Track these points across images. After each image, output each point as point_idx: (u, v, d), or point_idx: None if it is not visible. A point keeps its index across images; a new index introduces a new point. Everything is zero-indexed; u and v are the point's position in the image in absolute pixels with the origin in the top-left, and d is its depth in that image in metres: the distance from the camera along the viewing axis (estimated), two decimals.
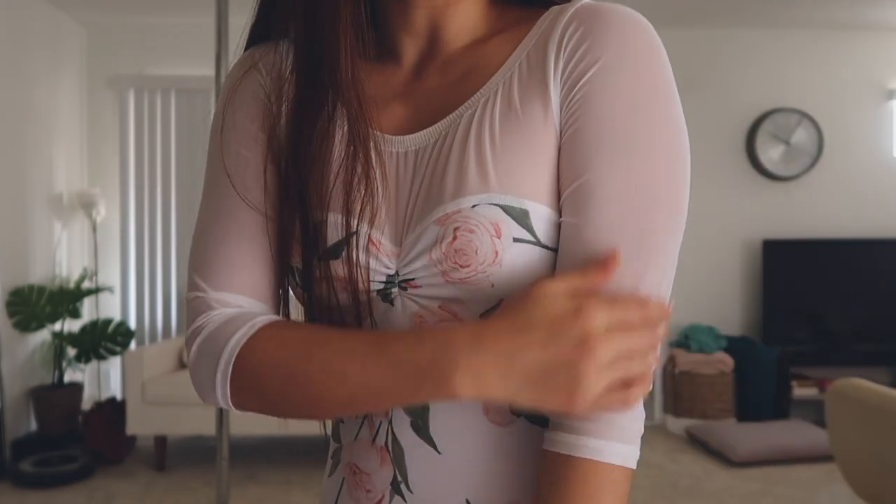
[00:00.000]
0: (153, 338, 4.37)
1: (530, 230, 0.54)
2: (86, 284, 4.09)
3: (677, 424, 4.15)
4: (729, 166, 4.51)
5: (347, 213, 0.57)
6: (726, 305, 4.52)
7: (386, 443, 0.60)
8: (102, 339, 3.85)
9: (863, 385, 2.10)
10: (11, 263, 3.69)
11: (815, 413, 4.36)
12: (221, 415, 2.04)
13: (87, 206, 4.12)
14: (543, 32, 0.57)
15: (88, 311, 4.24)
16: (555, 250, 0.55)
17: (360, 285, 0.57)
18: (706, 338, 4.16)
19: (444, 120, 0.57)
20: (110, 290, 4.12)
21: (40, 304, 3.68)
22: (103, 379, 4.33)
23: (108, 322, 3.92)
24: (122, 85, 4.36)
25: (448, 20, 0.60)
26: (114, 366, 4.34)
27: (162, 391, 3.43)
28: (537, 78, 0.55)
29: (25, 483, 3.24)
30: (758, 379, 4.12)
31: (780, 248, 4.33)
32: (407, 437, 0.59)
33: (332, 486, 0.68)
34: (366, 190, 0.57)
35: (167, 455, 3.61)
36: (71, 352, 3.90)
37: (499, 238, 0.53)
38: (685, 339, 4.21)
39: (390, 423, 0.59)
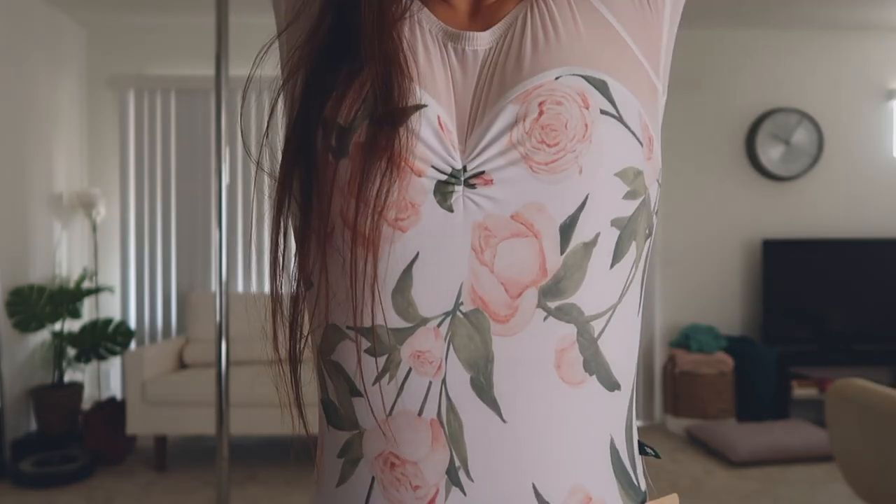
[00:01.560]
0: (153, 338, 4.37)
1: (612, 103, 0.51)
2: (86, 284, 4.09)
3: (677, 424, 4.15)
4: (729, 166, 4.51)
5: (404, 76, 0.49)
6: (726, 305, 4.52)
7: (438, 413, 0.48)
8: (102, 339, 3.86)
9: (863, 385, 2.10)
10: (11, 263, 3.69)
11: (815, 413, 4.36)
12: (221, 415, 2.04)
13: (87, 206, 4.12)
14: None
15: (88, 311, 4.24)
16: (634, 133, 0.52)
17: (418, 165, 0.48)
18: (706, 338, 4.16)
19: (504, 19, 0.54)
20: (110, 290, 4.12)
21: (40, 304, 3.68)
22: (103, 379, 4.33)
23: (108, 322, 3.92)
24: (122, 85, 4.36)
25: None
26: (114, 366, 4.34)
27: (162, 391, 3.43)
28: (592, 12, 0.54)
29: (25, 483, 3.24)
30: (758, 379, 4.12)
31: (780, 248, 4.33)
32: (466, 401, 0.48)
33: (350, 498, 0.51)
34: (415, 60, 0.51)
35: (167, 455, 3.61)
36: (71, 352, 3.90)
37: (587, 109, 0.49)
38: (685, 339, 4.21)
39: (443, 383, 0.48)
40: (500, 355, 0.48)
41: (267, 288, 0.60)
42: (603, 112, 0.49)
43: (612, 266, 0.50)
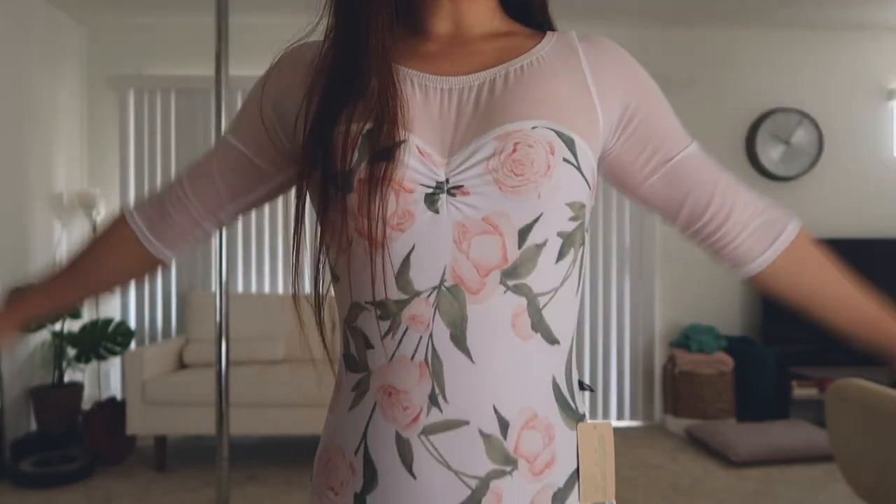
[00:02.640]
0: (153, 338, 4.37)
1: (574, 156, 0.68)
2: None
3: (677, 424, 4.15)
4: (729, 166, 4.40)
5: (392, 122, 0.65)
6: (726, 305, 4.52)
7: (426, 357, 0.66)
8: (102, 339, 3.86)
9: (863, 385, 2.10)
10: (11, 263, 3.69)
11: (815, 413, 4.35)
12: (221, 415, 2.04)
13: (87, 206, 4.12)
14: (560, 40, 0.75)
15: (88, 311, 4.24)
16: (586, 179, 0.70)
17: (408, 185, 0.65)
18: (706, 338, 4.16)
19: (493, 69, 0.70)
20: None
21: None
22: (103, 379, 4.33)
23: (108, 322, 3.92)
24: (122, 85, 4.36)
25: (468, 10, 0.73)
26: (114, 366, 4.34)
27: (162, 391, 3.43)
28: (571, 66, 0.72)
29: (25, 483, 3.24)
30: (758, 379, 4.12)
31: None
32: (446, 349, 0.66)
33: (358, 417, 0.70)
34: (400, 105, 0.67)
35: (167, 455, 3.61)
36: (71, 352, 3.90)
37: (552, 155, 0.66)
38: (685, 339, 4.21)
39: (430, 337, 0.66)
40: (472, 317, 0.66)
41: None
42: (565, 160, 0.67)
43: (556, 262, 0.69)
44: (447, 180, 0.66)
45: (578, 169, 0.68)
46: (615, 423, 4.46)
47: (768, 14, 4.25)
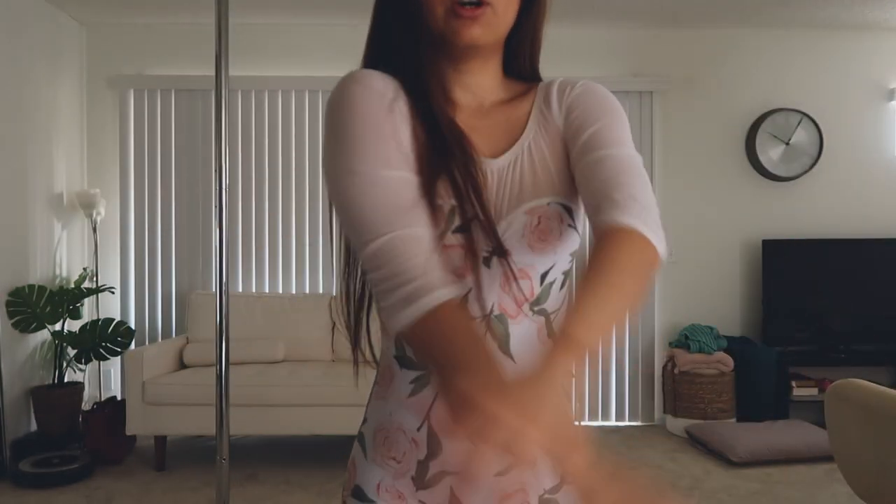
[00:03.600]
0: (153, 338, 4.37)
1: (573, 221, 0.89)
2: (86, 284, 4.09)
3: (677, 424, 4.15)
4: (729, 166, 4.51)
5: (471, 203, 0.82)
6: (726, 305, 4.52)
7: None
8: (102, 339, 3.86)
9: (863, 385, 2.10)
10: (11, 263, 3.69)
11: (815, 413, 4.36)
12: (221, 415, 2.04)
13: (87, 206, 4.12)
14: (546, 95, 0.92)
15: (88, 311, 4.24)
16: (579, 233, 0.91)
17: (475, 250, 0.84)
18: (706, 338, 4.16)
19: (510, 151, 0.89)
20: (111, 290, 4.13)
21: (40, 304, 3.68)
22: (103, 379, 4.33)
23: (108, 322, 3.92)
24: (122, 85, 4.36)
25: (481, 84, 0.92)
26: (114, 366, 4.34)
27: (162, 391, 3.43)
28: (554, 139, 0.90)
29: (25, 483, 3.24)
30: (758, 379, 4.12)
31: (780, 248, 4.33)
32: (496, 354, 0.84)
33: (419, 403, 0.86)
34: (478, 192, 0.84)
35: (167, 455, 3.61)
36: (71, 352, 3.90)
37: (562, 224, 0.87)
38: (685, 339, 4.21)
39: None
40: (512, 334, 0.87)
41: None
42: (569, 226, 0.88)
43: (560, 290, 0.91)
44: (497, 247, 0.84)
45: (575, 229, 0.90)
46: (615, 423, 4.46)
47: (768, 14, 4.24)
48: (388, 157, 0.79)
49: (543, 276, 0.88)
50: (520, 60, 0.95)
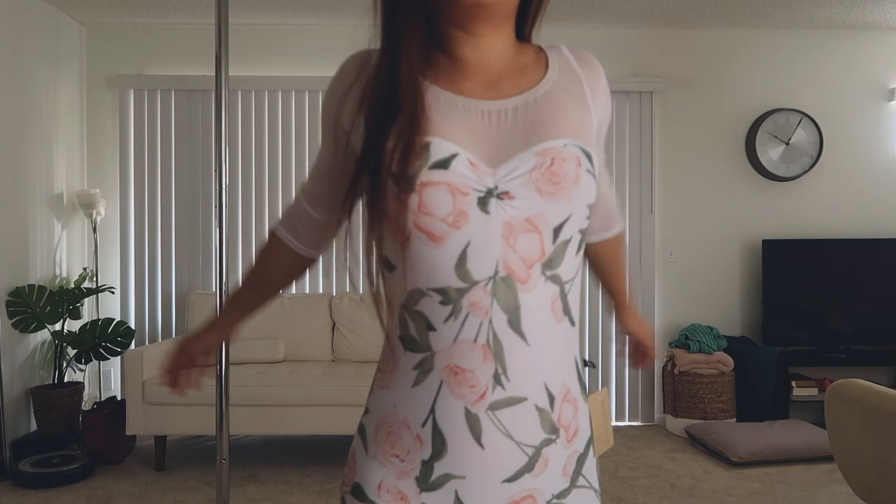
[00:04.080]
0: (153, 338, 4.37)
1: (592, 166, 0.82)
2: (86, 284, 4.09)
3: (677, 424, 4.15)
4: (729, 166, 4.51)
5: (445, 139, 0.78)
6: (726, 305, 4.52)
7: (487, 340, 0.77)
8: (102, 339, 3.86)
9: (863, 385, 2.10)
10: (11, 263, 3.69)
11: (815, 413, 4.36)
12: (221, 415, 2.04)
13: (87, 206, 4.12)
14: (560, 62, 0.90)
15: (88, 311, 4.24)
16: (597, 182, 0.84)
17: (463, 189, 0.77)
18: (706, 338, 4.16)
19: (524, 94, 0.84)
20: (111, 290, 4.13)
21: (40, 304, 3.68)
22: (103, 379, 4.33)
23: (108, 322, 3.92)
24: (122, 85, 4.36)
25: (493, 46, 0.87)
26: (114, 366, 4.34)
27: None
28: (577, 89, 0.88)
29: (25, 483, 3.24)
30: (758, 379, 4.12)
31: (780, 248, 4.33)
32: (505, 333, 0.77)
33: (424, 393, 0.79)
34: (458, 125, 0.80)
35: (167, 455, 3.61)
36: (71, 352, 3.90)
37: (579, 167, 0.80)
38: (685, 339, 4.21)
39: (490, 322, 0.77)
40: (523, 304, 0.78)
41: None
42: (587, 171, 0.82)
43: (576, 254, 0.83)
44: (496, 186, 0.78)
45: (594, 176, 0.83)
46: (615, 423, 4.46)
47: (768, 14, 4.24)
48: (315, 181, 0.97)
49: (556, 232, 0.79)
50: (528, 26, 0.93)
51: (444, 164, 0.77)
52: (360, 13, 3.92)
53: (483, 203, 0.77)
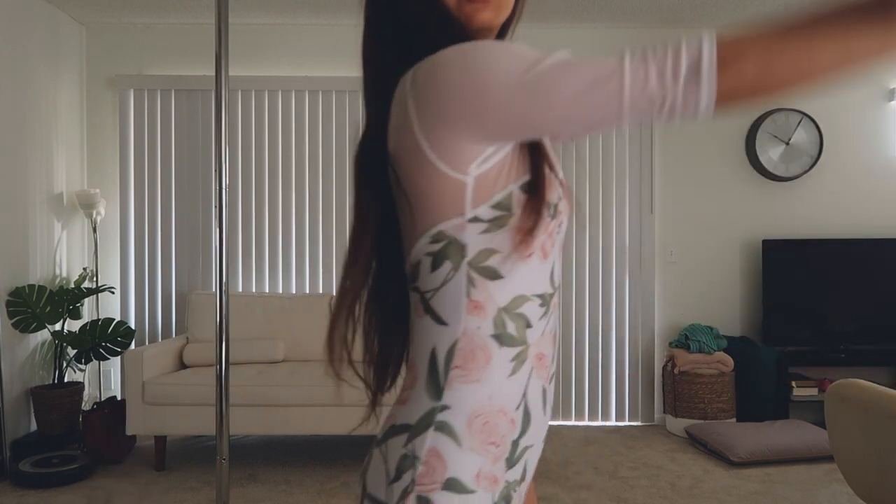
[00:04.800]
0: (153, 338, 4.37)
1: None
2: (86, 284, 4.09)
3: (677, 424, 4.15)
4: (729, 167, 4.51)
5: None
6: (726, 305, 4.52)
7: (554, 331, 0.94)
8: (102, 339, 3.86)
9: (863, 385, 2.10)
10: (11, 263, 3.69)
11: (815, 413, 4.36)
12: (221, 415, 2.04)
13: (87, 206, 4.12)
14: None
15: (88, 311, 4.24)
16: None
17: (563, 223, 0.92)
18: (706, 338, 4.16)
19: None
20: (111, 290, 4.13)
21: (40, 304, 3.68)
22: (103, 379, 4.33)
23: (108, 322, 3.92)
24: (122, 85, 4.36)
25: None
26: (114, 366, 4.34)
27: (162, 391, 3.43)
28: None
29: (25, 483, 3.24)
30: (758, 379, 4.12)
31: (780, 248, 4.33)
32: (557, 323, 0.94)
33: (518, 381, 0.89)
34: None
35: (167, 455, 3.61)
36: (71, 352, 3.90)
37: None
38: (685, 339, 4.21)
39: (556, 317, 0.94)
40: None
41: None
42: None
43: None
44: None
45: None
46: (615, 423, 4.46)
47: (768, 14, 4.24)
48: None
49: None
50: (506, 34, 1.00)
51: (561, 196, 0.91)
52: (360, 13, 3.90)
53: (560, 226, 0.92)
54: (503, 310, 0.88)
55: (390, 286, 0.97)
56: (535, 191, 0.85)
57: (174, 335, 4.36)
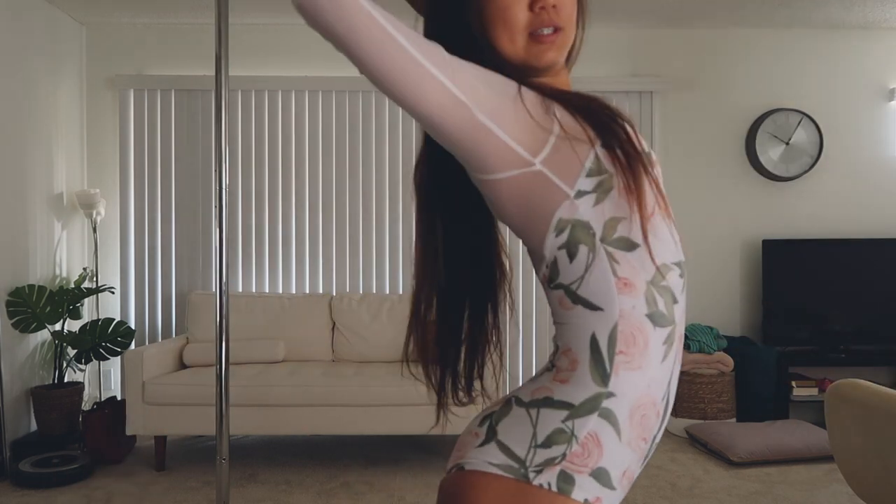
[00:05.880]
0: (153, 338, 4.37)
1: None
2: (86, 284, 4.09)
3: (677, 424, 4.15)
4: (729, 166, 4.51)
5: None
6: (726, 305, 4.52)
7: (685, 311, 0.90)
8: (102, 339, 3.86)
9: (863, 385, 2.10)
10: (11, 263, 3.69)
11: (815, 413, 4.36)
12: (221, 415, 2.04)
13: (87, 206, 4.12)
14: None
15: (88, 311, 4.24)
16: None
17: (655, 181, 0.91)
18: (706, 338, 4.16)
19: None
20: (111, 290, 4.13)
21: (40, 304, 3.68)
22: (103, 379, 4.33)
23: (108, 322, 3.92)
24: (122, 85, 4.36)
25: (565, 84, 0.97)
26: (114, 366, 4.34)
27: (162, 391, 3.43)
28: None
29: (25, 483, 3.24)
30: (758, 379, 4.12)
31: (780, 248, 4.33)
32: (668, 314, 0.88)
33: (666, 367, 0.86)
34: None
35: (167, 455, 3.61)
36: (71, 352, 3.90)
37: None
38: (685, 339, 4.21)
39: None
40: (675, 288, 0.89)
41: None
42: None
43: None
44: None
45: None
46: None
47: (768, 14, 4.24)
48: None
49: None
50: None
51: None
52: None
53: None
54: (650, 283, 0.85)
55: (455, 307, 0.99)
56: (613, 141, 0.85)
57: (174, 335, 4.36)
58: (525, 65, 0.90)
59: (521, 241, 0.89)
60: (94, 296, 4.10)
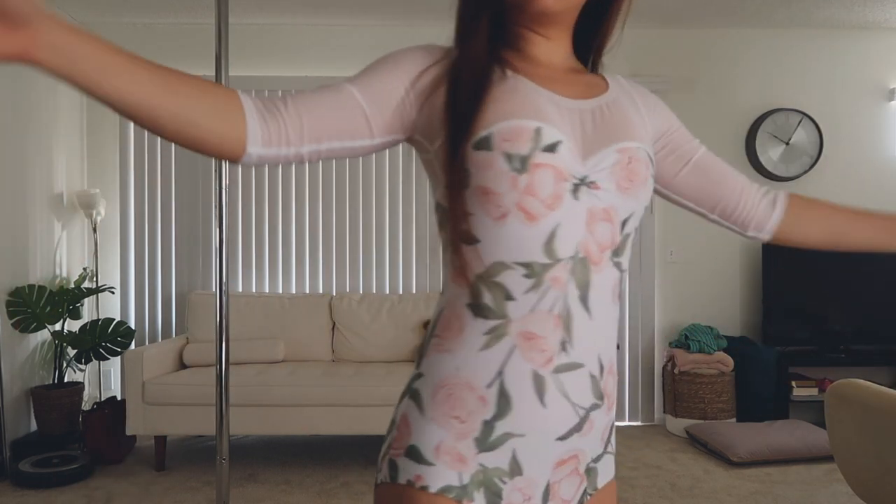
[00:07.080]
0: (153, 338, 4.37)
1: (653, 172, 0.93)
2: (86, 284, 4.09)
3: (677, 424, 4.15)
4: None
5: (552, 126, 0.85)
6: (726, 306, 4.52)
7: (560, 312, 0.85)
8: (102, 339, 3.86)
9: (863, 385, 2.10)
10: (11, 263, 3.69)
11: (815, 413, 4.36)
12: (221, 415, 2.04)
13: (87, 206, 4.12)
14: (619, 84, 0.99)
15: (88, 311, 4.24)
16: (653, 183, 1.02)
17: (565, 174, 0.85)
18: (706, 338, 4.16)
19: (596, 98, 0.93)
20: (111, 290, 4.13)
21: (40, 304, 3.68)
22: (103, 379, 4.33)
23: (108, 322, 3.92)
24: None
25: (556, 49, 0.96)
26: (114, 366, 4.34)
27: (162, 391, 3.43)
28: (633, 105, 0.97)
29: (25, 483, 3.24)
30: (758, 379, 4.12)
31: (780, 248, 4.33)
32: (575, 306, 0.86)
33: (492, 357, 0.85)
34: (558, 116, 0.88)
35: (167, 455, 3.61)
36: (71, 352, 3.90)
37: (647, 170, 0.90)
38: (685, 340, 4.21)
39: (566, 295, 0.85)
40: (593, 283, 0.87)
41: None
42: (651, 176, 0.92)
43: (630, 249, 0.93)
44: (587, 176, 0.86)
45: (654, 179, 0.97)
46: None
47: (768, 14, 4.25)
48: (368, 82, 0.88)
49: (623, 225, 0.89)
50: (585, 50, 1.01)
51: (552, 148, 0.84)
52: (360, 13, 3.90)
53: (575, 190, 0.85)
54: (479, 277, 0.85)
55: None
56: (450, 140, 0.85)
57: (174, 335, 4.36)
58: (518, 7, 0.89)
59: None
60: (94, 296, 4.10)
